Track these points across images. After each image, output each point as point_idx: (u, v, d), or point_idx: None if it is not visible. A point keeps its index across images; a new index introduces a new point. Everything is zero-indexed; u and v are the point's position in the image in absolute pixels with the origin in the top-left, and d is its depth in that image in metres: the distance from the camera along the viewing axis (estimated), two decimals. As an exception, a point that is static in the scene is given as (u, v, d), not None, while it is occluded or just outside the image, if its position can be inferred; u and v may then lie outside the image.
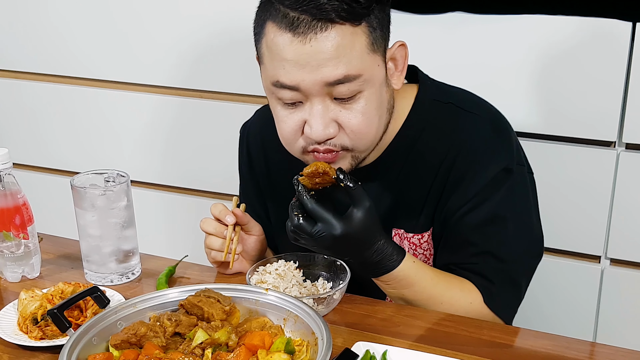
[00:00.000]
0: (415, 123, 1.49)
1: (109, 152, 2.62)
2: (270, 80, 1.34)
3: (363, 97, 1.33)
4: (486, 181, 1.44)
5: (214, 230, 1.54)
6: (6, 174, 1.53)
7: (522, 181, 1.49)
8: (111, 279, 1.57)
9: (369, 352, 1.22)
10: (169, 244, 2.21)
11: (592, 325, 2.09)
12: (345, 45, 1.27)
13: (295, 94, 1.32)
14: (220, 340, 1.24)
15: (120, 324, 1.28)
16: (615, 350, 1.30)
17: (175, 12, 2.32)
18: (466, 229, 1.46)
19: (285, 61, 1.29)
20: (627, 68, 1.85)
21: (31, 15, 2.53)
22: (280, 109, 1.37)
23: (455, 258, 1.48)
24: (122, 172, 1.56)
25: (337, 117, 1.34)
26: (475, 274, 1.46)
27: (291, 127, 1.37)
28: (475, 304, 1.44)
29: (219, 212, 1.54)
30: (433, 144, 1.48)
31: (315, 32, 1.26)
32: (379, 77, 1.35)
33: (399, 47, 1.40)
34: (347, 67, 1.28)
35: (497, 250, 1.45)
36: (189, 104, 2.42)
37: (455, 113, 1.49)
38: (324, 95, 1.31)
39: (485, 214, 1.45)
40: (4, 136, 2.77)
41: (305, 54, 1.27)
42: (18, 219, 1.55)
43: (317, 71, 1.28)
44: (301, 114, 1.35)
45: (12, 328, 1.38)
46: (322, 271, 1.51)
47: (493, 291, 1.45)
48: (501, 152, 1.46)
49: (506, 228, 1.46)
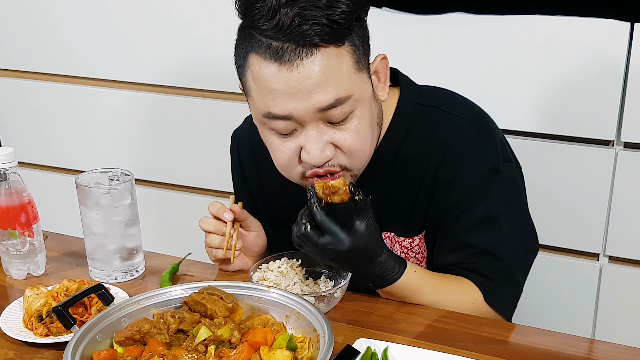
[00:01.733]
0: (399, 128, 1.48)
1: (113, 151, 2.62)
2: (261, 113, 1.33)
3: (355, 116, 1.32)
4: (475, 182, 1.44)
5: (213, 228, 1.54)
6: (12, 172, 1.52)
7: (511, 178, 1.49)
8: (115, 277, 1.57)
9: (370, 349, 1.22)
10: (173, 242, 2.21)
11: (591, 322, 2.09)
12: (332, 67, 1.26)
13: (289, 123, 1.31)
14: (223, 337, 1.24)
15: (125, 321, 1.28)
16: (614, 346, 1.30)
17: (176, 13, 2.32)
18: (461, 231, 1.46)
19: (275, 92, 1.27)
20: (625, 68, 1.85)
21: (35, 16, 2.53)
22: (274, 138, 1.36)
23: (453, 259, 1.48)
24: (126, 171, 1.56)
25: (332, 139, 1.33)
26: (474, 272, 1.46)
27: (288, 155, 1.36)
28: (477, 303, 1.45)
29: (217, 210, 1.54)
30: (418, 148, 1.47)
31: (301, 58, 1.24)
32: (367, 95, 1.35)
33: (381, 60, 1.39)
34: (337, 90, 1.27)
35: (494, 249, 1.45)
36: (191, 103, 2.42)
37: (437, 116, 1.48)
38: (317, 120, 1.30)
39: (478, 215, 1.45)
40: (9, 135, 2.77)
41: (295, 82, 1.25)
42: (23, 217, 1.55)
43: (308, 98, 1.26)
44: (296, 141, 1.33)
45: (18, 325, 1.38)
46: (324, 269, 1.50)
47: (493, 289, 1.45)
48: (487, 152, 1.46)
49: (500, 226, 1.45)
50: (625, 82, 1.86)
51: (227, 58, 2.28)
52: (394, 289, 1.39)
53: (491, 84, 1.98)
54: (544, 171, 1.97)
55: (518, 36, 1.92)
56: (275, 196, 1.62)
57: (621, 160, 1.92)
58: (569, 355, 1.28)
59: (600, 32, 1.84)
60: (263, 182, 1.66)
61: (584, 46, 1.86)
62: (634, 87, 1.85)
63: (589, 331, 2.10)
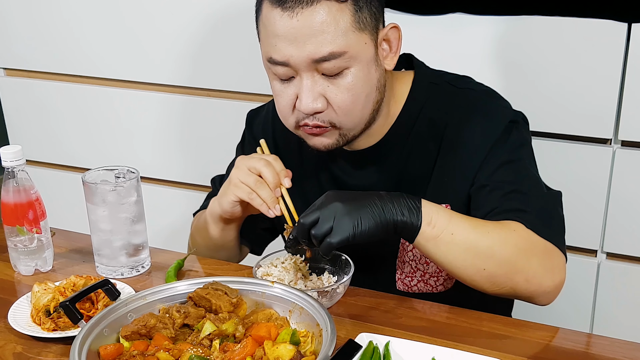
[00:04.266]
0: (414, 105, 1.51)
1: (119, 148, 2.62)
2: (265, 57, 1.39)
3: (350, 73, 1.36)
4: (497, 134, 1.45)
5: (255, 185, 1.43)
6: (20, 170, 1.52)
7: (527, 131, 1.53)
8: (122, 272, 1.57)
9: (372, 343, 1.22)
10: (178, 238, 2.21)
11: (589, 317, 2.09)
12: (330, 21, 1.31)
13: (287, 70, 1.36)
14: (227, 332, 1.24)
15: (131, 316, 1.28)
16: (612, 341, 1.30)
17: (184, 13, 2.31)
18: (487, 179, 1.44)
19: (276, 37, 1.33)
20: (622, 68, 1.85)
21: (45, 17, 2.53)
22: (276, 83, 1.42)
23: (486, 209, 1.42)
24: (132, 169, 1.56)
25: (324, 92, 1.36)
26: (508, 211, 1.39)
27: (285, 101, 1.41)
28: (519, 230, 1.34)
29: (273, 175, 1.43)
30: (432, 120, 1.49)
31: (302, 6, 1.30)
32: (366, 55, 1.37)
33: (392, 29, 1.42)
34: (332, 44, 1.32)
35: (522, 187, 1.42)
36: (197, 102, 2.42)
37: (450, 90, 1.52)
38: (313, 71, 1.35)
39: (501, 161, 1.44)
40: (17, 133, 2.78)
41: (293, 29, 1.31)
42: (31, 214, 1.55)
43: (303, 47, 1.32)
44: (293, 88, 1.39)
45: (26, 320, 1.38)
46: (327, 265, 1.50)
47: (530, 218, 1.37)
48: (503, 109, 1.50)
49: (524, 167, 1.46)
50: (623, 82, 1.86)
51: (233, 58, 2.29)
52: (428, 229, 1.30)
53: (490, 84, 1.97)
54: (543, 169, 1.96)
55: (517, 36, 1.92)
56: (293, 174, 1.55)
57: (618, 158, 1.92)
58: (568, 349, 1.28)
59: (598, 33, 1.84)
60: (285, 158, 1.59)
61: (582, 46, 1.86)
62: (631, 86, 1.85)
63: (587, 326, 2.10)
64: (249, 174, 1.44)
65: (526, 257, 1.34)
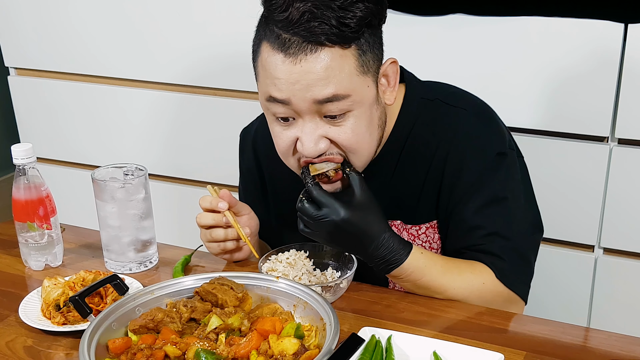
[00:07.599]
0: (405, 122, 1.47)
1: (127, 146, 2.62)
2: (264, 96, 1.33)
3: (352, 115, 1.31)
4: (483, 167, 1.42)
5: (214, 221, 1.50)
6: (30, 167, 1.52)
7: (515, 163, 1.48)
8: (130, 268, 1.56)
9: (375, 337, 1.22)
10: (185, 234, 2.21)
11: (586, 312, 2.08)
12: (334, 67, 1.25)
13: (287, 109, 1.30)
14: (233, 326, 1.23)
15: (139, 310, 1.28)
16: (609, 335, 1.29)
17: (189, 14, 2.31)
18: (469, 214, 1.43)
19: (277, 79, 1.27)
20: (619, 67, 1.84)
21: (54, 19, 2.53)
22: (275, 125, 1.36)
23: (464, 243, 1.45)
24: (140, 166, 1.56)
25: (327, 133, 1.32)
26: (484, 253, 1.42)
27: (285, 143, 1.36)
28: (488, 283, 1.41)
29: (211, 203, 1.49)
30: (423, 139, 1.46)
31: (306, 53, 1.24)
32: (368, 98, 1.33)
33: (391, 65, 1.37)
34: (336, 87, 1.27)
35: (502, 230, 1.42)
36: (204, 100, 2.42)
37: (442, 108, 1.47)
38: (314, 113, 1.30)
39: (486, 197, 1.43)
40: (28, 132, 2.78)
41: (296, 74, 1.25)
42: (42, 210, 1.55)
43: (306, 89, 1.26)
44: (294, 130, 1.33)
45: (36, 314, 1.38)
46: (330, 261, 1.50)
47: (504, 267, 1.41)
48: (492, 138, 1.45)
49: (508, 207, 1.44)
50: (620, 81, 1.85)
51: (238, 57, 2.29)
52: (403, 271, 1.36)
53: (490, 84, 1.97)
54: (541, 166, 1.96)
55: (517, 36, 1.91)
56: (286, 192, 1.60)
57: (615, 155, 1.92)
58: (565, 343, 1.28)
59: (596, 33, 1.83)
60: (275, 178, 1.64)
61: (580, 46, 1.86)
62: (627, 85, 1.85)
63: (584, 320, 2.09)
64: (203, 232, 1.54)
65: (486, 303, 1.41)
